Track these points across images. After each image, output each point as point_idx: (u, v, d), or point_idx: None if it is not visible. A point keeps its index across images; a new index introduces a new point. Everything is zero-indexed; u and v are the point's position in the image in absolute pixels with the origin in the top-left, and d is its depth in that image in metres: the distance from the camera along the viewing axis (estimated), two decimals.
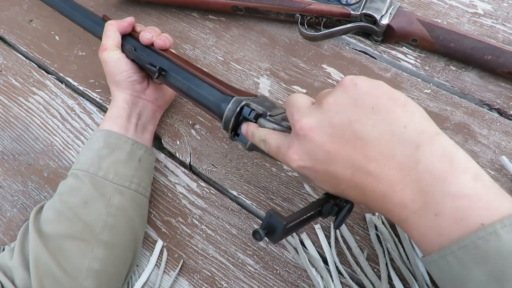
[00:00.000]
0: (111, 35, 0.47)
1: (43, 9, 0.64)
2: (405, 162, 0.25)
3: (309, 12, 0.54)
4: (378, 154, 0.26)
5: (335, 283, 0.41)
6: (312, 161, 0.28)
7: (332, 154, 0.27)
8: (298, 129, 0.29)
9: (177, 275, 0.44)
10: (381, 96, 0.27)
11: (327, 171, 0.28)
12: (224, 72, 0.56)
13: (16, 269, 0.36)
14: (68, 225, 0.39)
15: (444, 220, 0.24)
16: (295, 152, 0.29)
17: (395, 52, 0.55)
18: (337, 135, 0.27)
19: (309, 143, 0.28)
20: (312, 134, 0.28)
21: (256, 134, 0.34)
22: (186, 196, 0.48)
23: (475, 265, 0.23)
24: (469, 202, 0.23)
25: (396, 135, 0.26)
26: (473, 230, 0.23)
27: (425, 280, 0.40)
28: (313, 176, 0.29)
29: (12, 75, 0.59)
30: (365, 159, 0.26)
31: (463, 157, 0.25)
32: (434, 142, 0.25)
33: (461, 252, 0.23)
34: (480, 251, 0.22)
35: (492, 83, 0.52)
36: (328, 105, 0.28)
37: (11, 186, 0.50)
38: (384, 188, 0.26)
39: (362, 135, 0.26)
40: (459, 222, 0.23)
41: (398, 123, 0.26)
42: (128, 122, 0.46)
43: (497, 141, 0.47)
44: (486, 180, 0.24)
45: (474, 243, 0.22)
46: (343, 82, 0.28)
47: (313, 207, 0.31)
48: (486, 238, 0.22)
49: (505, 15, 0.56)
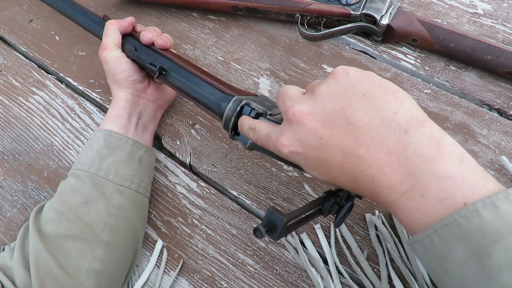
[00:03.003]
0: (111, 34, 0.47)
1: (43, 9, 0.64)
2: (394, 146, 0.26)
3: (309, 12, 0.54)
4: (368, 139, 0.27)
5: (335, 283, 0.41)
6: (304, 147, 0.29)
7: (324, 139, 0.28)
8: (291, 115, 0.29)
9: (177, 275, 0.44)
10: (372, 84, 0.28)
11: (318, 157, 0.28)
12: (224, 72, 0.56)
13: (16, 269, 0.36)
14: (68, 225, 0.39)
15: (430, 201, 0.25)
16: (286, 138, 0.29)
17: (395, 52, 0.55)
18: (329, 121, 0.28)
19: (301, 129, 0.29)
20: (305, 120, 0.28)
21: (245, 123, 0.35)
22: (186, 196, 0.48)
23: (457, 243, 0.23)
24: (453, 183, 0.24)
25: (386, 120, 0.27)
26: (456, 210, 0.24)
27: (425, 280, 0.40)
28: (304, 163, 0.30)
29: (12, 75, 0.59)
30: (355, 144, 0.27)
31: (449, 141, 0.26)
32: (422, 127, 0.26)
33: (444, 230, 0.24)
34: (462, 229, 0.23)
35: (492, 83, 0.52)
36: (320, 93, 0.29)
37: (11, 186, 0.50)
38: (374, 172, 0.27)
39: (353, 121, 0.27)
40: (443, 202, 0.24)
41: (388, 109, 0.27)
42: (129, 121, 0.46)
43: (497, 141, 0.47)
44: (471, 163, 0.25)
45: (456, 222, 0.23)
46: (335, 71, 0.29)
47: (313, 205, 0.31)
48: (468, 217, 0.23)
49: (505, 15, 0.56)
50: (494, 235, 0.22)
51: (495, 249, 0.22)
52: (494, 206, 0.23)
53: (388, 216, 0.44)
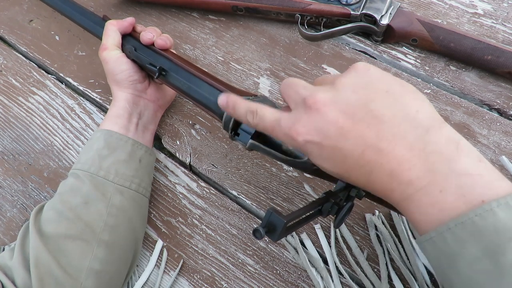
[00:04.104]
0: (111, 34, 0.47)
1: (43, 9, 0.64)
2: (415, 143, 0.26)
3: (309, 12, 0.54)
4: (390, 134, 0.27)
5: (335, 283, 0.41)
6: (321, 136, 0.28)
7: (345, 130, 0.27)
8: (311, 103, 0.28)
9: (177, 275, 0.44)
10: (393, 82, 0.28)
11: (335, 148, 0.28)
12: (224, 72, 0.56)
13: (16, 269, 0.36)
14: (68, 225, 0.39)
15: (448, 196, 0.25)
16: (303, 126, 0.28)
17: (395, 52, 0.55)
18: (351, 113, 0.27)
19: (321, 118, 0.28)
20: (326, 110, 0.28)
21: (241, 105, 0.33)
22: (186, 196, 0.48)
23: (471, 241, 0.24)
24: (472, 181, 0.25)
25: (409, 118, 0.27)
26: (474, 206, 0.24)
27: (425, 280, 0.40)
28: (317, 153, 0.29)
29: (12, 75, 0.59)
30: (377, 138, 0.27)
31: (466, 142, 0.27)
32: (442, 128, 0.27)
33: (458, 228, 0.24)
34: (476, 227, 0.23)
35: (492, 83, 0.52)
36: (342, 84, 0.28)
37: (11, 186, 0.50)
38: (393, 166, 0.26)
39: (377, 115, 0.27)
40: (461, 198, 0.24)
41: (410, 107, 0.27)
42: (129, 121, 0.46)
43: (497, 141, 0.47)
44: (488, 164, 0.26)
45: (471, 220, 0.24)
46: (357, 66, 0.29)
47: (313, 206, 0.31)
48: (483, 215, 0.23)
49: (505, 15, 0.56)
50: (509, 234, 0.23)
51: (509, 247, 0.22)
52: (508, 206, 0.23)
53: (388, 216, 0.44)
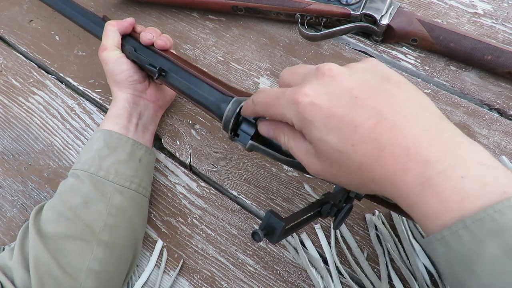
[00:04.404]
0: (111, 35, 0.47)
1: (43, 9, 0.64)
2: (430, 128, 0.25)
3: (309, 12, 0.54)
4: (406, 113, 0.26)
5: (335, 283, 0.41)
6: (331, 101, 0.26)
7: (359, 99, 0.26)
8: (326, 69, 0.27)
9: (177, 275, 0.44)
10: (404, 80, 0.28)
11: (345, 116, 0.26)
12: (224, 72, 0.56)
13: (16, 269, 0.36)
14: (68, 225, 0.39)
15: (471, 183, 0.23)
16: (311, 89, 0.27)
17: (395, 52, 0.55)
18: (367, 86, 0.26)
19: (334, 84, 0.26)
20: (341, 77, 0.26)
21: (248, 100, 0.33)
22: (186, 196, 0.48)
23: (490, 239, 0.22)
24: (491, 171, 0.23)
25: (422, 105, 0.26)
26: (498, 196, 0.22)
27: (425, 280, 0.40)
28: (322, 121, 0.26)
29: (12, 75, 0.59)
30: (393, 113, 0.25)
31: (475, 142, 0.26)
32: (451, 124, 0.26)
33: (475, 225, 0.22)
34: (496, 224, 0.22)
35: (492, 83, 0.52)
36: (356, 67, 0.28)
37: (11, 186, 0.50)
38: (410, 143, 0.25)
39: (392, 94, 0.26)
40: (485, 187, 0.23)
41: (423, 99, 0.27)
42: (129, 122, 0.46)
43: (497, 141, 0.47)
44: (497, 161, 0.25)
45: (490, 216, 0.22)
46: (369, 59, 0.29)
47: (312, 207, 0.31)
48: (503, 211, 0.22)
49: (505, 15, 0.56)
50: None
51: None
52: None
53: (388, 216, 0.44)
